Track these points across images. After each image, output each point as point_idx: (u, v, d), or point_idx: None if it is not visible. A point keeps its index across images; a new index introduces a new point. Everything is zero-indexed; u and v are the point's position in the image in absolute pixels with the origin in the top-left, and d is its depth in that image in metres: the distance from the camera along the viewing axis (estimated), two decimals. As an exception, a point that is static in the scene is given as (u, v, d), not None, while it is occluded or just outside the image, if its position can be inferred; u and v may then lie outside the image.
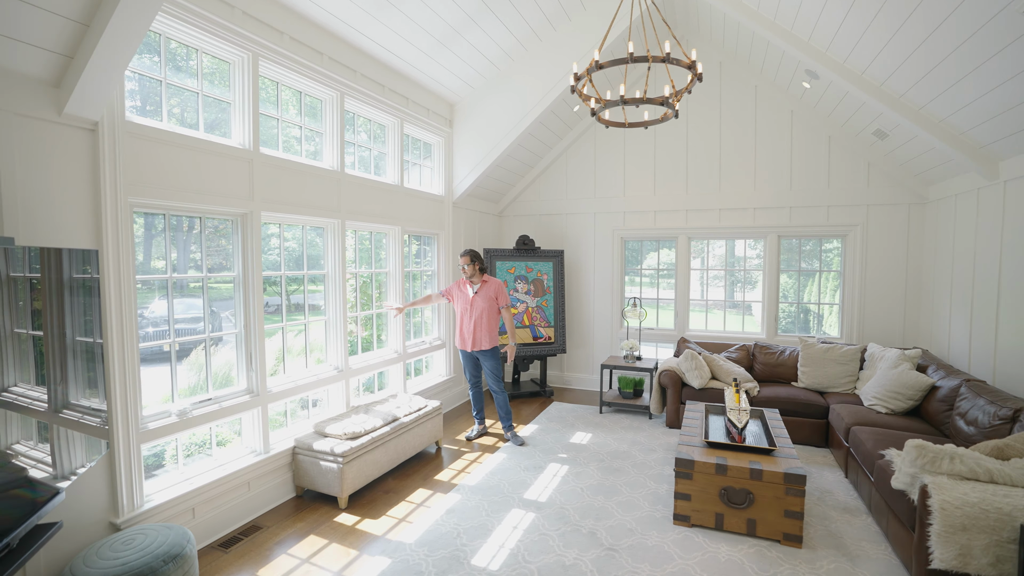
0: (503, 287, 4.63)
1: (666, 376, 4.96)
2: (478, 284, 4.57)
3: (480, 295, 4.54)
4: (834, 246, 5.62)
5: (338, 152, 3.99)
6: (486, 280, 4.59)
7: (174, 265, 2.93)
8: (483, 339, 4.56)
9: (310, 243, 3.97)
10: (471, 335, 4.56)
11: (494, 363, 4.62)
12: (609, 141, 6.25)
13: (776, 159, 5.59)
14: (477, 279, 4.56)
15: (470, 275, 4.53)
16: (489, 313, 4.55)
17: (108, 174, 2.45)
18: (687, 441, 3.42)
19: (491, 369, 4.62)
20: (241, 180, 3.17)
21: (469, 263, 4.49)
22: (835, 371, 4.71)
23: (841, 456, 3.94)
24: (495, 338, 4.64)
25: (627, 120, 3.13)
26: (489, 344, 4.58)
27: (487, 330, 4.56)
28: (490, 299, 4.55)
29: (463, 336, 4.62)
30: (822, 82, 4.59)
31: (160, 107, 2.83)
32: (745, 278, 5.97)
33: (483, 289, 4.55)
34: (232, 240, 3.24)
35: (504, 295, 4.61)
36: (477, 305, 4.53)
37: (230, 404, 3.11)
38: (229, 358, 3.34)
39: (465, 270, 4.51)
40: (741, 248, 5.97)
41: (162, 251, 2.87)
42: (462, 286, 4.64)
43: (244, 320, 3.25)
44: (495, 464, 4.10)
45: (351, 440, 3.49)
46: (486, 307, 4.53)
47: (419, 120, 4.97)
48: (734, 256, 6.03)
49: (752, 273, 5.99)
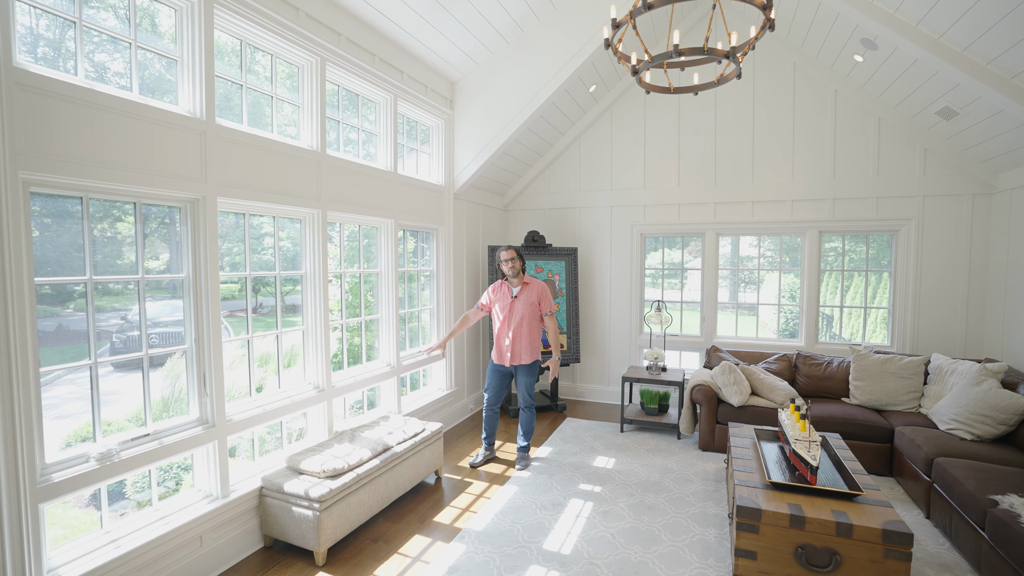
0: (547, 290, 4.01)
1: (700, 391, 4.32)
2: (518, 286, 3.95)
3: (521, 299, 3.92)
4: (883, 242, 5.00)
5: (318, 130, 3.34)
6: (527, 282, 3.97)
7: (96, 264, 2.28)
8: (523, 351, 3.93)
9: (288, 238, 3.32)
10: (510, 347, 3.93)
11: (530, 379, 4.02)
12: (628, 127, 5.62)
13: (817, 145, 4.97)
14: (518, 280, 3.95)
15: (514, 274, 3.90)
16: (530, 321, 3.93)
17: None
18: (745, 480, 2.78)
19: (527, 385, 4.03)
20: (190, 157, 2.52)
21: (515, 258, 3.89)
22: (895, 386, 4.08)
23: (918, 491, 3.31)
24: (537, 350, 4.01)
25: (672, 85, 2.49)
26: (530, 358, 3.97)
27: (528, 340, 3.93)
28: (532, 304, 3.93)
29: (500, 349, 4.00)
30: (880, 53, 3.97)
31: (75, 57, 2.18)
32: (754, 278, 5.34)
33: (524, 292, 3.93)
34: (180, 232, 2.59)
35: (548, 299, 3.98)
36: (517, 311, 3.91)
37: (176, 440, 2.46)
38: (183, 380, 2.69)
39: (511, 266, 3.89)
40: (743, 246, 5.34)
41: (80, 244, 2.22)
42: (501, 289, 4.02)
43: (195, 332, 2.60)
44: (506, 500, 3.46)
45: (331, 479, 2.84)
46: (527, 313, 3.91)
47: (416, 98, 4.32)
48: (739, 255, 5.41)
49: (754, 273, 5.39)
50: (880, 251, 4.99)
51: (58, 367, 2.17)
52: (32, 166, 1.93)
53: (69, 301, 2.24)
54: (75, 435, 2.26)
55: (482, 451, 4.17)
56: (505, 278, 4.02)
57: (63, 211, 2.18)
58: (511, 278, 3.94)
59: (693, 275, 5.66)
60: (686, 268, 5.64)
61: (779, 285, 5.35)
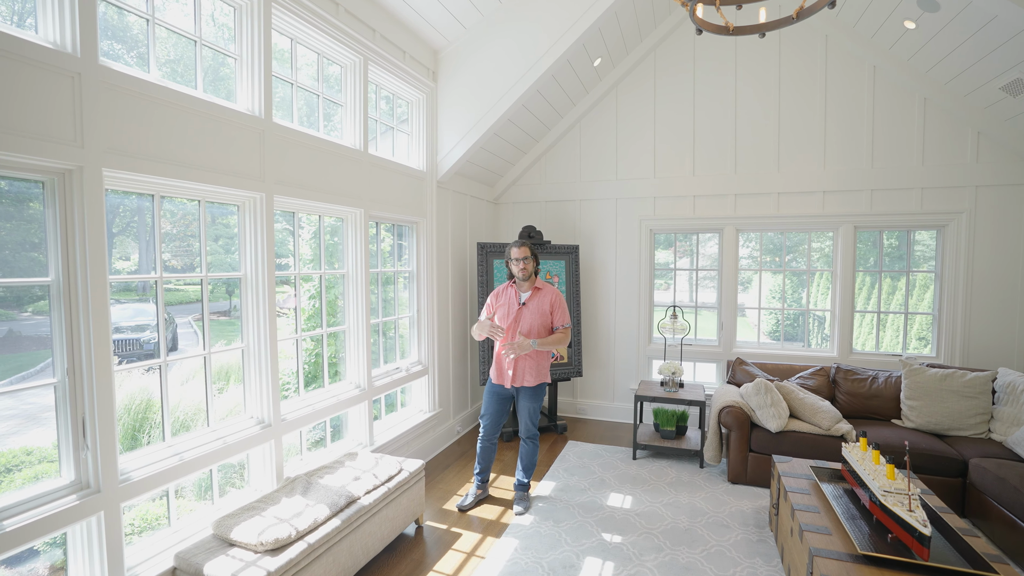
0: (563, 299, 3.26)
1: (729, 414, 3.66)
2: (528, 291, 3.22)
3: (531, 307, 3.18)
4: (927, 238, 4.42)
5: (261, 90, 2.58)
6: (540, 287, 3.22)
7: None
8: (527, 371, 3.18)
9: (218, 226, 2.56)
10: (512, 364, 3.18)
11: (534, 405, 3.25)
12: (636, 108, 4.95)
13: (852, 130, 4.36)
14: (528, 283, 3.21)
15: (525, 277, 3.17)
16: (540, 334, 3.18)
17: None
18: (823, 547, 2.11)
19: (530, 412, 3.26)
20: (60, 111, 1.76)
21: (528, 257, 3.13)
22: (958, 407, 3.47)
23: (1013, 540, 2.68)
24: (545, 370, 3.27)
25: (731, 24, 1.82)
26: (535, 379, 3.21)
27: (535, 357, 3.19)
28: (543, 313, 3.18)
29: (499, 366, 3.25)
30: (941, 15, 3.36)
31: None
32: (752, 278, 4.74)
33: (535, 299, 3.19)
34: (44, 215, 1.82)
35: (564, 310, 3.22)
36: (525, 320, 3.17)
37: (31, 520, 1.69)
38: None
39: (522, 267, 3.13)
40: (740, 246, 4.73)
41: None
42: (505, 293, 3.28)
43: (67, 360, 1.82)
44: (504, 561, 2.74)
45: (272, 554, 2.09)
46: (537, 324, 3.17)
47: (391, 64, 3.59)
48: (761, 253, 4.80)
49: (744, 273, 4.81)
50: (925, 248, 4.40)
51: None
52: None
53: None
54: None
55: (473, 489, 3.44)
56: (513, 280, 3.29)
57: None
58: (521, 281, 3.21)
59: (700, 275, 5.02)
60: (700, 269, 4.99)
61: (817, 287, 4.73)
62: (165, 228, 2.41)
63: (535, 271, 3.23)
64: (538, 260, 3.23)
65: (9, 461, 1.96)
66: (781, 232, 4.73)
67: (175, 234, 2.48)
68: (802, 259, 4.84)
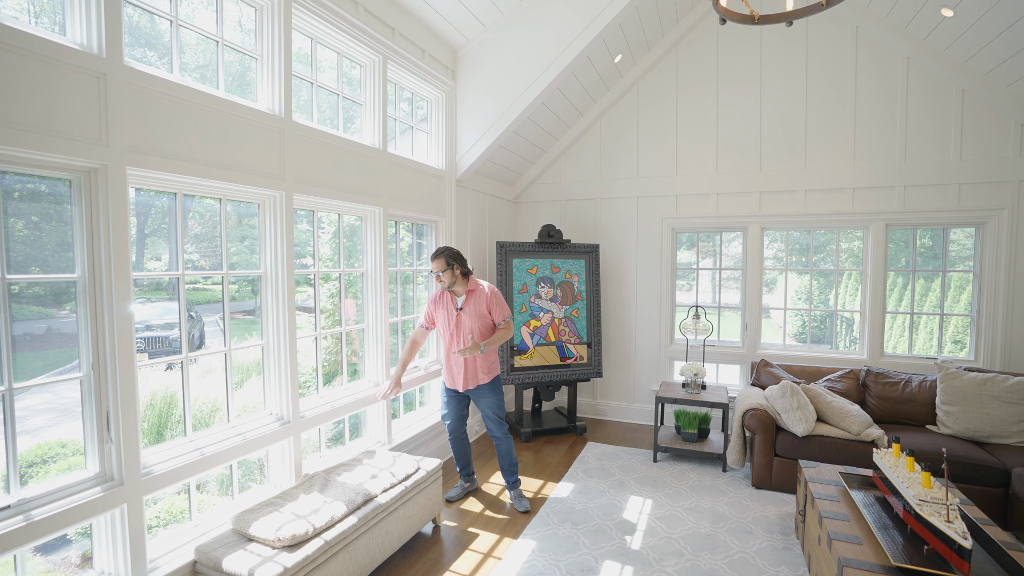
0: (499, 295, 3.24)
1: (754, 417, 3.56)
2: (463, 295, 3.21)
3: (468, 310, 3.18)
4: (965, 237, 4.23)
5: (281, 89, 2.61)
6: (473, 288, 3.21)
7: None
8: (479, 371, 3.23)
9: (241, 224, 2.59)
10: (461, 369, 3.20)
11: (494, 399, 3.28)
12: (657, 105, 4.87)
13: (884, 124, 4.20)
14: (461, 287, 3.19)
15: (449, 284, 3.15)
16: (483, 334, 3.21)
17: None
18: (853, 557, 2.02)
19: (491, 408, 3.28)
20: (85, 111, 1.80)
21: (444, 268, 3.11)
22: (1000, 413, 3.31)
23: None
24: (495, 366, 3.30)
25: (756, 13, 1.75)
26: (488, 376, 3.25)
27: (483, 357, 3.23)
28: (482, 315, 3.19)
29: (450, 371, 3.27)
30: (983, 1, 3.21)
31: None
32: (765, 278, 4.58)
33: (471, 301, 3.18)
34: (71, 213, 1.86)
35: (502, 306, 3.23)
36: (465, 324, 3.18)
37: (57, 511, 1.72)
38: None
39: (441, 279, 3.13)
40: (749, 245, 4.57)
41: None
42: (441, 299, 3.27)
43: (93, 355, 1.86)
44: (522, 562, 2.70)
45: (289, 550, 2.10)
46: (478, 326, 3.18)
47: (411, 63, 3.59)
48: (787, 252, 4.65)
49: (769, 274, 4.63)
50: (961, 247, 4.21)
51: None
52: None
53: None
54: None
55: (460, 483, 3.54)
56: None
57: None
58: (448, 288, 3.18)
59: (724, 275, 4.90)
60: (724, 268, 4.87)
61: (845, 288, 4.58)
62: (195, 229, 2.46)
63: (463, 273, 3.17)
64: (461, 263, 3.17)
65: (45, 453, 2.01)
66: (808, 231, 4.58)
67: (203, 235, 2.52)
68: (830, 259, 4.68)
